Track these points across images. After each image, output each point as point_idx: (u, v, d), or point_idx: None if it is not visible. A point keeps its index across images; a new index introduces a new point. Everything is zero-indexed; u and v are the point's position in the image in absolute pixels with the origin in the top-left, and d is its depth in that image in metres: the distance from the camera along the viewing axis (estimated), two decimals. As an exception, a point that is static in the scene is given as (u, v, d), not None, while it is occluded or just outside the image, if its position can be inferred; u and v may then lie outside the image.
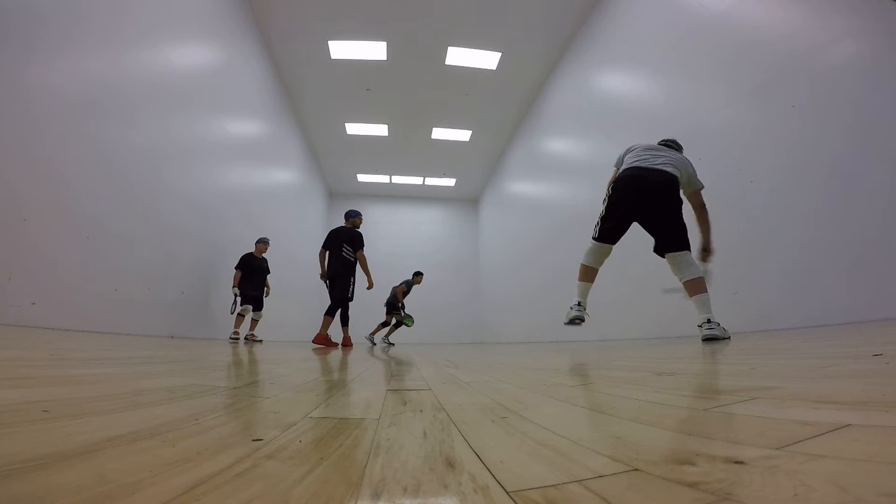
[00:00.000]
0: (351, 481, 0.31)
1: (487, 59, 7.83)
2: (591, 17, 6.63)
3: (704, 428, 0.47)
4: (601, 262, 2.95)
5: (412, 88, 8.68)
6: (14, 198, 2.90)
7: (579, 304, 2.95)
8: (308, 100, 9.14)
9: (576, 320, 2.95)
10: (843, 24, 2.89)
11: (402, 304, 8.75)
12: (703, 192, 2.97)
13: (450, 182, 13.57)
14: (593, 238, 2.90)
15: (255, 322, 5.93)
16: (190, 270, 5.34)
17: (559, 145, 7.85)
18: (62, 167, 3.30)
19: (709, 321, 2.51)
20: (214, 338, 5.77)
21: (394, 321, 8.66)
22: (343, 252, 5.14)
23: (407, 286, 8.77)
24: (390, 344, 8.54)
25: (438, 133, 10.54)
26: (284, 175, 9.37)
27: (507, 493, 0.29)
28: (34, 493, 0.26)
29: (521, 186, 10.08)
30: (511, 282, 10.42)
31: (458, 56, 7.75)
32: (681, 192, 2.84)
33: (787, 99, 3.23)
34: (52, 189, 3.21)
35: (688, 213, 2.88)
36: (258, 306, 5.95)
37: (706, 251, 3.00)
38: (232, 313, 5.66)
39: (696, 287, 2.60)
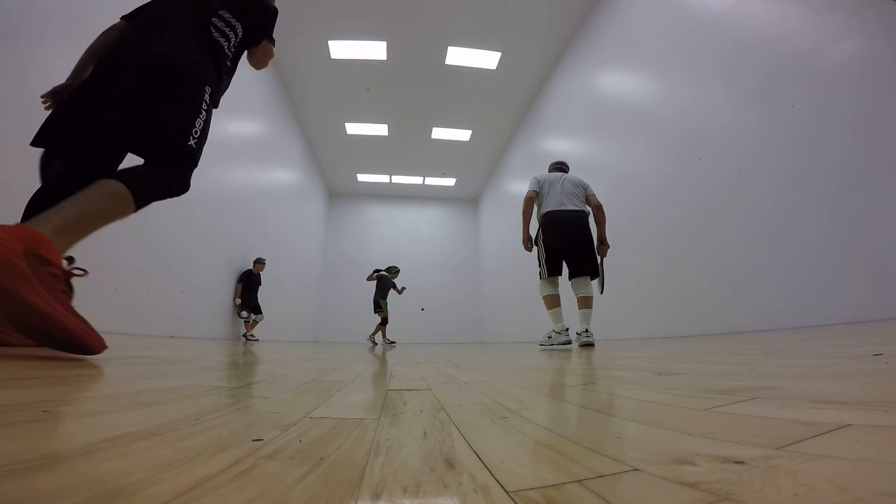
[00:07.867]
0: (351, 481, 0.31)
1: (487, 59, 7.83)
2: (591, 17, 6.63)
3: (704, 428, 0.47)
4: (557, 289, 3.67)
5: (412, 88, 8.68)
6: (14, 198, 2.89)
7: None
8: (308, 100, 9.14)
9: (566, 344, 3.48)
10: (843, 23, 2.89)
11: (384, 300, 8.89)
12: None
13: (450, 182, 13.57)
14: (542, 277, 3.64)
15: (255, 323, 6.94)
16: (190, 270, 5.34)
17: (559, 145, 7.85)
18: (62, 167, 3.29)
19: (587, 330, 3.29)
20: (214, 338, 5.77)
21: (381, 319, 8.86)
22: (214, 24, 1.75)
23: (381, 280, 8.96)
24: (391, 343, 8.57)
25: (438, 133, 10.54)
26: (284, 175, 9.36)
27: (507, 493, 0.29)
28: (34, 493, 0.26)
29: (520, 186, 10.07)
30: (511, 282, 10.41)
31: (458, 56, 7.75)
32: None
33: (787, 99, 3.23)
34: (52, 189, 3.20)
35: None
36: (259, 311, 7.04)
37: (602, 244, 3.69)
38: (242, 318, 6.78)
39: (587, 303, 3.49)
